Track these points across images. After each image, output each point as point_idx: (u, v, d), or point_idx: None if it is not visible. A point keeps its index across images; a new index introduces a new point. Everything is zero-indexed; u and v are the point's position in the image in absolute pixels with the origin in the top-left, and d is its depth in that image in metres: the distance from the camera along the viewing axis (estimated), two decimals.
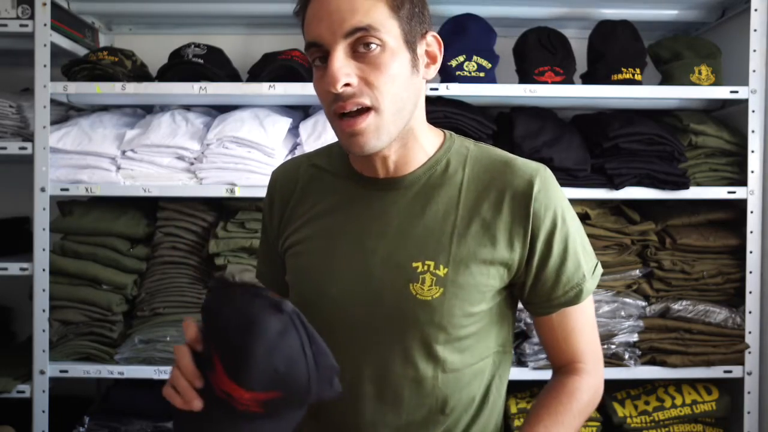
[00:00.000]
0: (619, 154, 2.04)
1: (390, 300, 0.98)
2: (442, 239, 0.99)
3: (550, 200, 1.00)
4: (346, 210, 1.04)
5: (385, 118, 0.93)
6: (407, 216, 1.01)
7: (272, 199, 1.14)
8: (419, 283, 0.97)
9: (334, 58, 0.90)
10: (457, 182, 1.02)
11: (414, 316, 0.98)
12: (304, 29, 0.95)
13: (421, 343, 0.99)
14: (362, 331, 1.00)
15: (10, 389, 1.98)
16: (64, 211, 2.08)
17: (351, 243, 1.02)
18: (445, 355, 1.00)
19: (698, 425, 2.07)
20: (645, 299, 2.06)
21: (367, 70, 0.91)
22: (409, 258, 0.98)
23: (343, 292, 1.01)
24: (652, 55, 2.19)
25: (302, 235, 1.07)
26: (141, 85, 2.03)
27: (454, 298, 0.98)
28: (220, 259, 2.00)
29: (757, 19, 2.03)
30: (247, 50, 2.35)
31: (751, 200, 2.04)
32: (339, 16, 0.90)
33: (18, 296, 2.26)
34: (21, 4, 1.95)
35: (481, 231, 0.99)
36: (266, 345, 0.79)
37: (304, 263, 1.06)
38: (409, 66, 0.95)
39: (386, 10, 0.92)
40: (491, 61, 2.08)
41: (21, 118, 2.06)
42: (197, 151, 2.01)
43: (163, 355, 2.00)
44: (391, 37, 0.92)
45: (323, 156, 1.13)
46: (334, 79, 0.90)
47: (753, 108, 2.04)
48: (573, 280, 1.02)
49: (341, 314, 1.01)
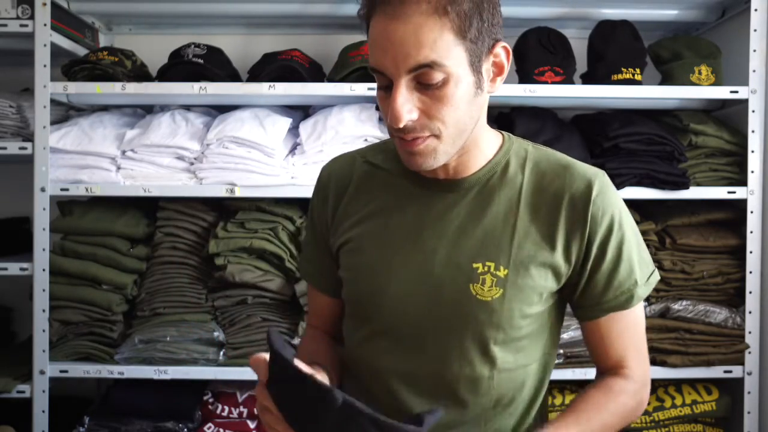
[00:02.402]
0: (619, 154, 2.04)
1: (450, 299, 0.99)
2: (502, 241, 0.99)
3: (607, 205, 1.00)
4: (405, 209, 1.04)
5: (444, 141, 0.93)
6: (467, 217, 1.01)
7: (326, 194, 1.12)
8: (479, 283, 0.98)
9: (397, 94, 0.89)
10: (516, 184, 1.02)
11: (474, 316, 0.99)
12: (369, 49, 0.93)
13: (478, 343, 1.00)
14: (420, 329, 1.01)
15: (10, 389, 1.98)
16: (64, 211, 2.08)
17: (410, 242, 1.02)
18: (501, 355, 1.01)
19: (698, 425, 2.07)
20: (645, 299, 2.06)
21: (430, 103, 0.90)
22: (470, 258, 0.99)
23: (402, 290, 1.01)
24: (652, 55, 2.18)
25: (358, 232, 1.06)
26: (141, 85, 2.03)
27: (513, 300, 0.98)
28: (220, 259, 2.00)
29: (757, 19, 2.03)
30: (247, 50, 2.35)
31: (751, 200, 2.04)
32: (404, 50, 0.87)
33: (18, 296, 2.26)
34: (21, 4, 1.95)
35: (540, 234, 1.00)
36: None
37: (362, 261, 1.05)
38: (473, 88, 0.93)
39: (452, 37, 0.88)
40: None
41: (21, 118, 2.06)
42: (197, 151, 2.01)
43: (163, 355, 2.00)
44: (457, 65, 0.90)
45: (378, 153, 1.12)
46: (397, 117, 0.89)
47: (753, 108, 2.04)
48: (624, 285, 1.02)
49: (399, 312, 1.02)
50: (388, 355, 1.03)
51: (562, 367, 2.00)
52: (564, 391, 2.06)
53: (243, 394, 2.07)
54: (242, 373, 1.98)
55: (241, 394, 2.08)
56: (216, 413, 2.05)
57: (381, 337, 0.90)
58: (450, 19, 0.87)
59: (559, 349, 2.00)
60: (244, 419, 2.03)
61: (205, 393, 2.09)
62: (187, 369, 2.00)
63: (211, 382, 2.09)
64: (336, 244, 1.10)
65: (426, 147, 0.93)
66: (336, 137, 1.99)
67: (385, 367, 1.03)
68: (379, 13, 0.89)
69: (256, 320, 2.01)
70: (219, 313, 2.04)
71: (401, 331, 1.01)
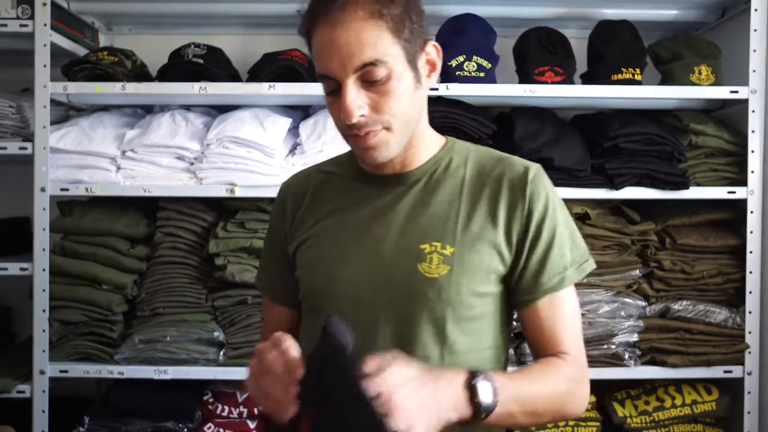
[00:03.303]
0: (619, 154, 2.04)
1: (400, 280, 1.04)
2: (447, 223, 1.06)
3: (543, 188, 1.08)
4: (358, 206, 1.11)
5: (395, 132, 1.02)
6: (414, 206, 1.08)
7: (284, 206, 1.20)
8: (427, 262, 1.04)
9: (347, 93, 0.97)
10: (459, 176, 1.10)
11: (423, 293, 1.03)
12: (314, 58, 1.02)
13: (431, 323, 1.04)
14: (374, 313, 1.05)
15: (10, 389, 1.98)
16: (64, 211, 2.08)
17: (362, 233, 1.08)
18: (453, 336, 1.04)
19: (698, 425, 2.07)
20: (645, 299, 2.06)
21: (376, 98, 0.99)
22: (417, 241, 1.05)
23: (355, 277, 1.06)
24: (652, 55, 2.18)
25: (315, 231, 1.13)
26: (141, 85, 2.03)
27: (460, 276, 1.03)
28: (220, 259, 2.00)
29: (757, 19, 2.03)
30: (247, 50, 2.35)
31: (751, 200, 2.04)
32: (348, 50, 0.96)
33: (18, 296, 2.26)
34: (21, 4, 1.95)
35: (484, 214, 1.07)
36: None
37: (315, 253, 1.12)
38: (413, 82, 1.02)
39: (390, 36, 0.98)
40: (491, 61, 2.08)
41: (21, 118, 2.06)
42: (197, 151, 2.01)
43: (163, 355, 2.00)
44: (397, 62, 0.99)
45: (332, 164, 1.21)
46: (349, 113, 0.98)
47: (753, 108, 2.04)
48: (558, 266, 1.07)
49: (353, 298, 1.06)
50: None
51: None
52: None
53: (243, 394, 2.07)
54: (242, 373, 1.95)
55: (241, 394, 2.08)
56: (216, 413, 2.05)
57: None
58: (385, 21, 0.97)
59: None
60: (244, 419, 2.04)
61: (205, 393, 2.09)
62: (187, 369, 2.00)
63: (211, 382, 2.09)
64: (293, 246, 1.16)
65: (379, 140, 1.01)
66: (336, 137, 1.99)
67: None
68: (322, 24, 0.98)
69: (256, 320, 2.01)
70: (219, 313, 2.04)
71: (356, 317, 1.02)
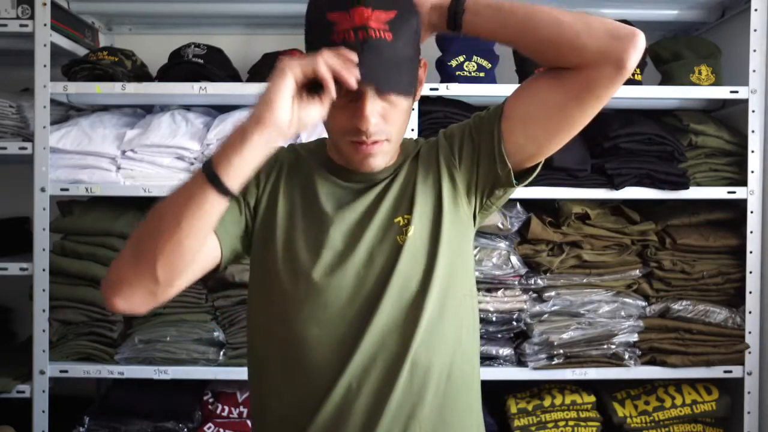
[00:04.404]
0: (619, 154, 2.04)
1: (380, 254, 1.09)
2: (413, 199, 1.12)
3: (444, 132, 1.19)
4: (322, 193, 1.13)
5: (393, 144, 1.09)
6: (379, 195, 1.13)
7: (273, 164, 1.18)
8: (404, 234, 1.09)
9: (367, 100, 1.01)
10: (414, 167, 1.16)
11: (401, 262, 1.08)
12: None
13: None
14: (354, 288, 1.08)
15: (10, 389, 1.98)
16: (64, 211, 2.08)
17: (340, 236, 1.11)
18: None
19: (698, 425, 2.07)
20: (645, 299, 2.06)
21: (387, 107, 1.04)
22: (390, 218, 1.11)
23: (334, 256, 1.09)
24: (652, 55, 2.18)
25: (290, 234, 1.13)
26: (141, 85, 2.03)
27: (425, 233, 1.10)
28: None
29: (757, 19, 2.04)
30: (247, 50, 2.35)
31: (751, 200, 2.04)
32: None
33: (18, 296, 2.26)
34: (21, 4, 1.95)
35: (431, 181, 1.14)
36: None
37: (298, 265, 1.11)
38: (412, 98, 1.08)
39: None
40: (491, 61, 2.08)
41: (21, 118, 2.06)
42: (197, 151, 2.01)
43: (163, 355, 2.00)
44: None
45: (302, 148, 1.22)
46: (367, 120, 1.01)
47: (753, 108, 2.04)
48: (490, 118, 1.16)
49: (331, 279, 1.08)
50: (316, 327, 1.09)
51: (562, 367, 2.00)
52: (564, 391, 2.06)
53: (243, 394, 2.07)
54: (242, 373, 1.96)
55: (241, 394, 2.08)
56: (216, 413, 2.06)
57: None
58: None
59: (559, 348, 2.00)
60: (244, 419, 2.04)
61: (205, 393, 2.09)
62: (187, 369, 2.00)
63: (211, 382, 2.09)
64: (254, 211, 1.16)
65: (381, 149, 1.06)
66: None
67: (316, 335, 1.08)
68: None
69: None
70: (219, 313, 2.04)
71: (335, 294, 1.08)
